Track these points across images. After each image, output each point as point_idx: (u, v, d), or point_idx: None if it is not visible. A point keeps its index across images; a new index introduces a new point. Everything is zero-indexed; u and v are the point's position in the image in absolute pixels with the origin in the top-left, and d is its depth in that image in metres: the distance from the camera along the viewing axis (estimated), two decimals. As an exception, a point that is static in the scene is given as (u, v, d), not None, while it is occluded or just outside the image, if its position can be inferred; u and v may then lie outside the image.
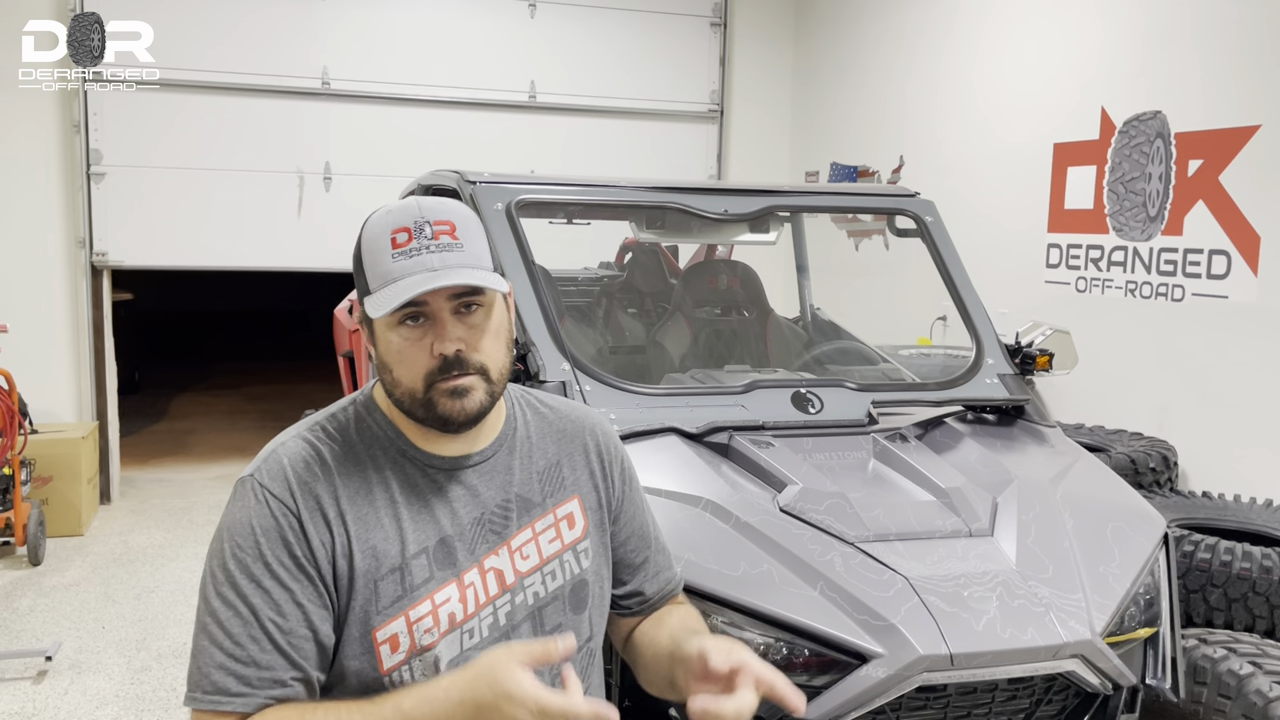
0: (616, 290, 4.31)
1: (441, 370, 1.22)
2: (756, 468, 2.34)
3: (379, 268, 1.22)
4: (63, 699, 3.42)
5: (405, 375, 1.23)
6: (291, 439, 1.27)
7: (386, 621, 1.20)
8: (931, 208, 3.22)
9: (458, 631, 1.24)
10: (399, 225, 1.23)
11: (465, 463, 1.31)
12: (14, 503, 4.60)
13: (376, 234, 1.24)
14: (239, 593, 1.17)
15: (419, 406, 1.24)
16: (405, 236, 1.22)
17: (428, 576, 1.24)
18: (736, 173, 6.85)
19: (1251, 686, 2.38)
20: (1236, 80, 3.67)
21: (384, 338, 1.24)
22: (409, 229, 1.22)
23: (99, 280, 5.74)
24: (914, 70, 5.62)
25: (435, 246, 1.22)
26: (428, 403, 1.23)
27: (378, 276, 1.22)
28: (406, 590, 1.22)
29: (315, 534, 1.20)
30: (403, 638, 1.21)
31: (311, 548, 1.19)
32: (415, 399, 1.24)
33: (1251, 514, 3.31)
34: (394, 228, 1.23)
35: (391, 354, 1.24)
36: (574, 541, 1.36)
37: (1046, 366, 2.95)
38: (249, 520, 1.20)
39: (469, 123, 6.28)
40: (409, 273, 1.20)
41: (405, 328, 1.22)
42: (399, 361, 1.23)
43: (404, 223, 1.23)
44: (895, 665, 1.84)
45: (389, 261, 1.22)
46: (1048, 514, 2.27)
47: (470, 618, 1.26)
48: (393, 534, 1.23)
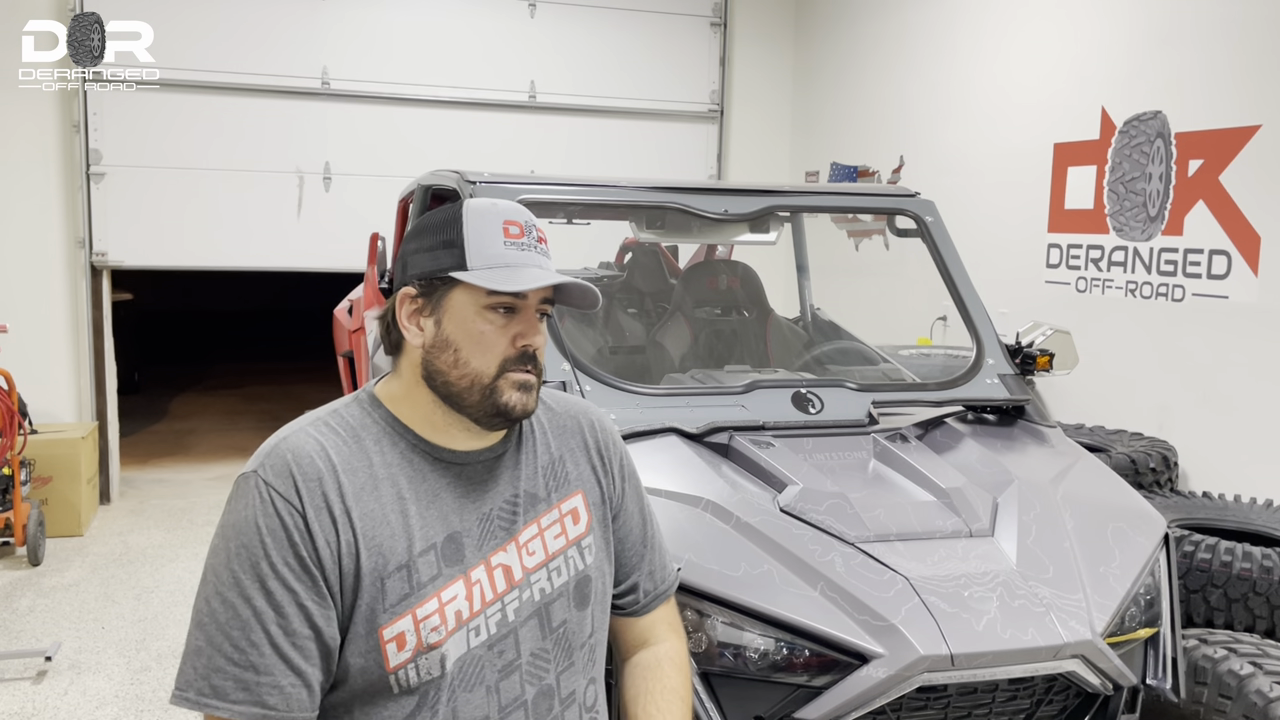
0: (616, 290, 4.31)
1: (519, 360, 1.25)
2: (757, 468, 2.34)
3: (489, 248, 1.25)
4: (62, 699, 3.42)
5: (478, 358, 1.25)
6: (295, 433, 1.24)
7: (393, 620, 1.19)
8: (931, 208, 3.22)
9: (464, 629, 1.24)
10: (511, 219, 1.28)
11: (475, 458, 1.30)
12: (14, 503, 4.60)
13: (486, 218, 1.27)
14: (242, 594, 1.15)
15: (477, 391, 1.25)
16: (518, 230, 1.27)
17: (435, 574, 1.23)
18: (736, 173, 6.85)
19: (1252, 687, 2.38)
20: (1236, 80, 3.66)
21: (465, 318, 1.25)
22: (521, 225, 1.28)
23: (99, 280, 5.74)
24: (914, 70, 5.62)
25: (540, 250, 1.28)
26: (492, 389, 1.25)
27: (486, 256, 1.25)
28: (414, 588, 1.21)
29: (321, 532, 1.18)
30: (409, 636, 1.19)
31: (316, 547, 1.17)
32: (480, 383, 1.25)
33: (1251, 514, 3.31)
34: (506, 219, 1.27)
35: (470, 334, 1.25)
36: (578, 537, 1.36)
37: (1047, 366, 2.95)
38: (254, 519, 1.17)
39: (469, 123, 6.28)
40: (525, 263, 1.25)
41: (495, 314, 1.25)
42: (477, 343, 1.25)
43: (516, 219, 1.28)
44: (896, 665, 1.84)
45: (501, 247, 1.25)
46: (1048, 514, 2.27)
47: (477, 615, 1.25)
48: (399, 531, 1.22)
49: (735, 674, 1.92)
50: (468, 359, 1.25)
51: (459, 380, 1.25)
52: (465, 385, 1.25)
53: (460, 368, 1.25)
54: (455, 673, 1.22)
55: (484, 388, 1.25)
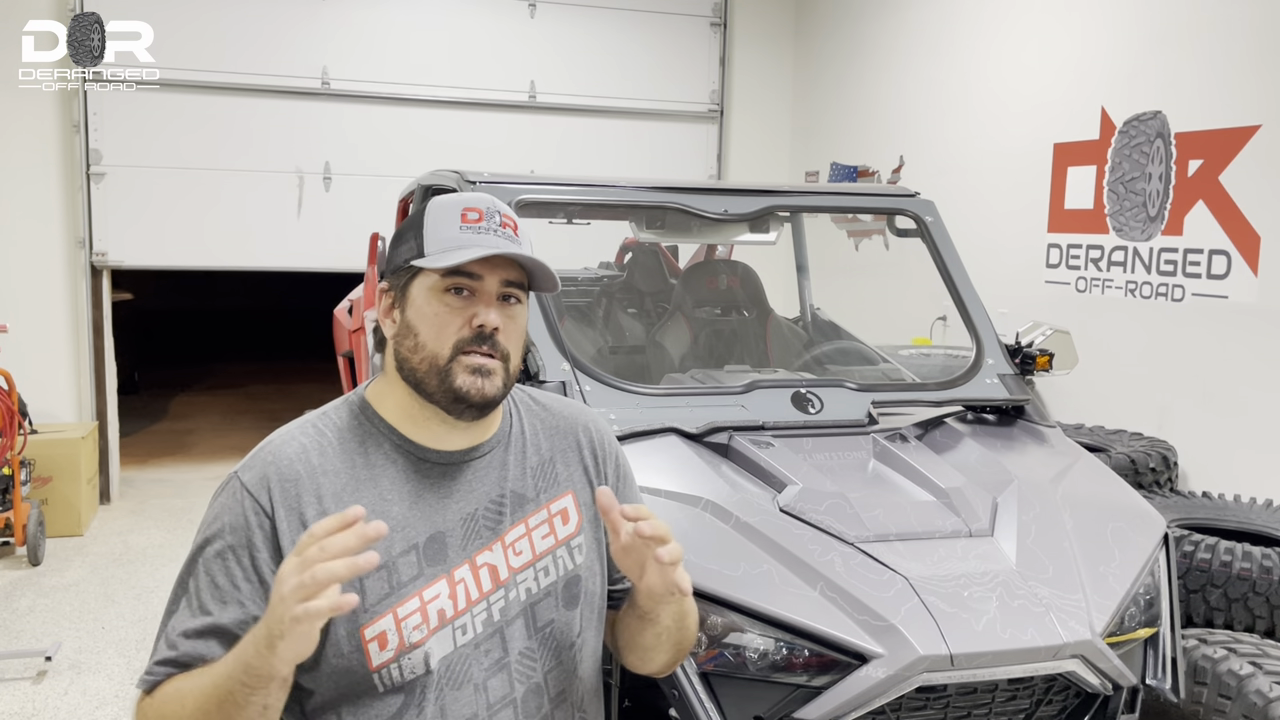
0: (616, 290, 4.31)
1: (474, 341, 1.24)
2: (756, 468, 2.34)
3: (443, 233, 1.25)
4: (62, 699, 3.42)
5: (433, 339, 1.24)
6: (280, 437, 1.28)
7: (374, 619, 1.20)
8: (931, 208, 3.22)
9: (449, 628, 1.24)
10: (472, 206, 1.27)
11: (461, 458, 1.31)
12: (14, 503, 4.60)
13: (446, 207, 1.28)
14: (194, 575, 1.20)
15: (435, 375, 1.25)
16: (476, 215, 1.27)
17: (416, 573, 1.24)
18: (736, 173, 6.85)
19: (1251, 687, 2.38)
20: (1236, 80, 3.66)
21: (420, 302, 1.26)
22: (481, 211, 1.27)
23: (99, 280, 5.74)
24: (914, 70, 5.62)
25: (502, 233, 1.27)
26: (446, 372, 1.24)
27: (440, 241, 1.25)
28: (394, 588, 1.22)
29: (289, 534, 1.20)
30: (391, 635, 1.21)
31: (281, 551, 1.20)
32: (435, 365, 1.24)
33: (1251, 514, 3.31)
34: (466, 206, 1.27)
35: (425, 317, 1.25)
36: (567, 537, 1.36)
37: (1046, 366, 2.95)
38: (223, 517, 1.22)
39: (469, 123, 6.29)
40: (477, 244, 1.24)
41: (450, 295, 1.25)
42: (431, 324, 1.25)
43: (477, 205, 1.28)
44: (895, 665, 1.84)
45: (456, 231, 1.25)
46: (1048, 514, 2.27)
47: (461, 614, 1.26)
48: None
49: (735, 674, 1.92)
50: (425, 341, 1.25)
51: (420, 365, 1.26)
52: (425, 370, 1.25)
53: (419, 351, 1.25)
54: (442, 671, 1.23)
55: (440, 370, 1.24)
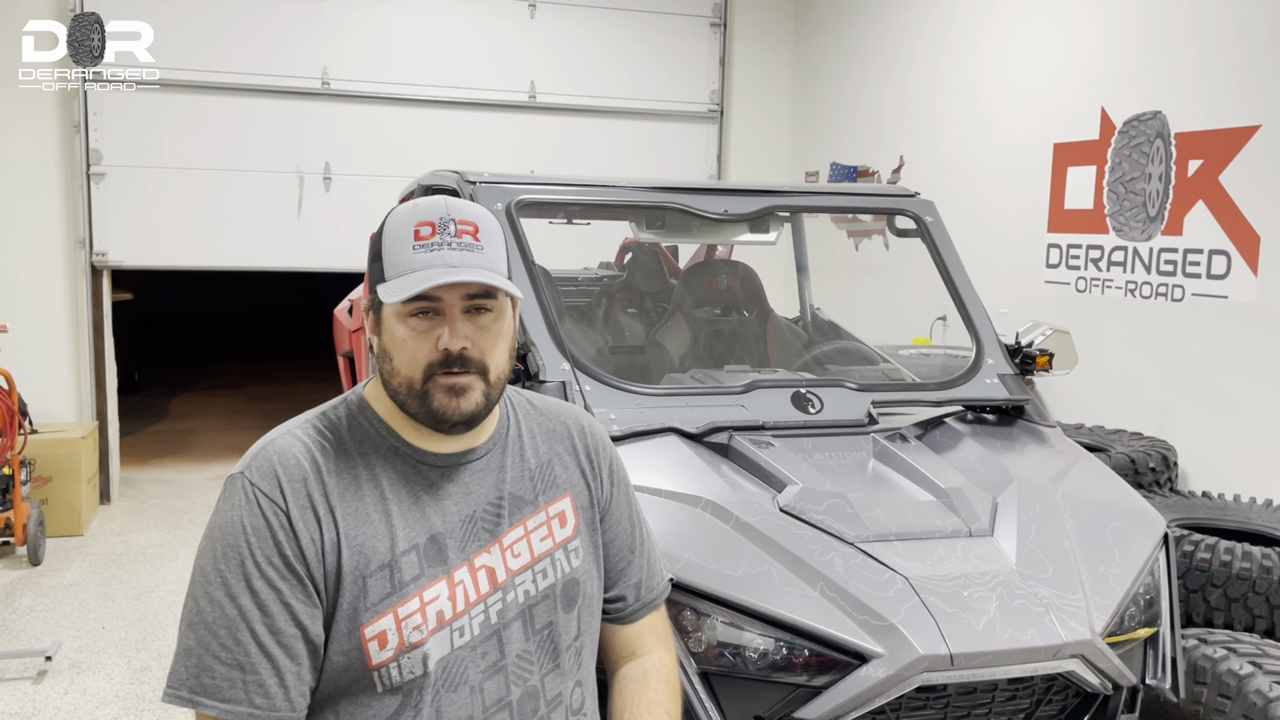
0: (616, 290, 4.31)
1: (443, 364, 1.23)
2: (756, 468, 2.34)
3: (398, 256, 1.24)
4: (63, 699, 3.42)
5: (405, 364, 1.24)
6: (282, 435, 1.27)
7: (375, 618, 1.21)
8: (931, 208, 3.22)
9: (447, 629, 1.25)
10: (424, 219, 1.25)
11: (458, 460, 1.31)
12: (14, 503, 4.60)
13: (400, 224, 1.26)
14: (229, 594, 1.17)
15: (414, 399, 1.24)
16: (429, 230, 1.24)
17: (417, 573, 1.24)
18: (736, 173, 6.85)
19: (1251, 686, 2.38)
20: (1236, 80, 3.66)
21: (390, 326, 1.25)
22: (434, 224, 1.24)
23: (99, 280, 5.74)
24: (914, 70, 5.62)
25: (457, 245, 1.24)
26: (424, 394, 1.24)
27: (395, 265, 1.24)
28: (395, 587, 1.22)
29: (305, 531, 1.20)
30: (391, 635, 1.21)
31: (301, 545, 1.19)
32: (412, 390, 1.24)
33: (1251, 514, 3.31)
34: (419, 221, 1.25)
35: (395, 342, 1.24)
36: (565, 540, 1.36)
37: (1046, 366, 2.95)
38: (239, 519, 1.20)
39: (469, 123, 6.28)
40: (429, 265, 1.22)
41: (415, 319, 1.23)
42: (401, 350, 1.24)
43: (429, 217, 1.25)
44: (895, 665, 1.84)
45: (409, 252, 1.23)
46: (1048, 514, 2.27)
47: (460, 615, 1.26)
48: (382, 530, 1.23)
49: (735, 674, 1.92)
50: (399, 367, 1.25)
51: (399, 388, 1.25)
52: (405, 393, 1.25)
53: (396, 376, 1.25)
54: (439, 672, 1.23)
55: (416, 394, 1.24)
